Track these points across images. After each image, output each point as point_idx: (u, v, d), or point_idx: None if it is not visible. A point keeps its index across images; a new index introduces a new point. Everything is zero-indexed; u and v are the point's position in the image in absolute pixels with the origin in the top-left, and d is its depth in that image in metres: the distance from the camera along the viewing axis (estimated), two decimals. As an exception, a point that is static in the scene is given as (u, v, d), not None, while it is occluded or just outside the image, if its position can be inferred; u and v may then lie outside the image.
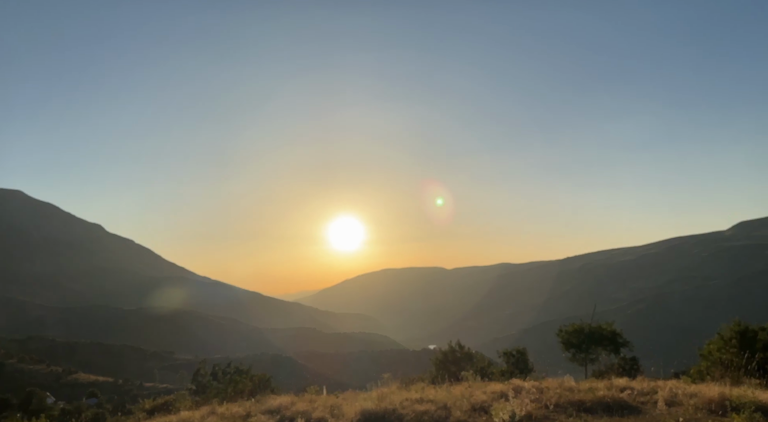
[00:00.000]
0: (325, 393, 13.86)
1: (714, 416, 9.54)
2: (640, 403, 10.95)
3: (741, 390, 11.97)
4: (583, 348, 34.38)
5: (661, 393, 11.66)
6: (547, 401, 10.75)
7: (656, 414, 9.78)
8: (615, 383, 13.83)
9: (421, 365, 38.44)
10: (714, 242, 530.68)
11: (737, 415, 9.18)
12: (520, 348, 33.14)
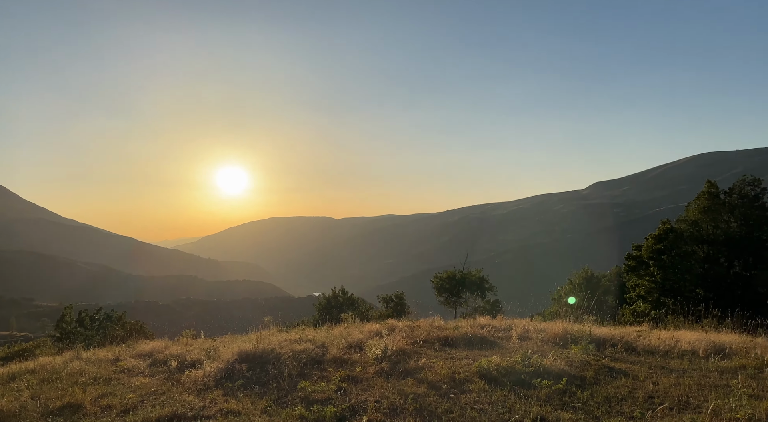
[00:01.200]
0: (202, 337, 13.65)
1: (557, 347, 10.95)
2: (498, 338, 12.22)
3: (580, 326, 13.83)
4: (454, 293, 37.18)
5: (515, 329, 13.10)
6: (417, 337, 11.60)
7: (510, 346, 11.01)
8: (477, 321, 15.24)
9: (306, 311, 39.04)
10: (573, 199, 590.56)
11: (575, 346, 10.63)
12: (399, 293, 34.98)
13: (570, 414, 6.38)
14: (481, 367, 8.45)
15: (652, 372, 8.62)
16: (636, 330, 14.97)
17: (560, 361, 9.19)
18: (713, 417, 6.12)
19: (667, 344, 11.50)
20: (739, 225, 34.77)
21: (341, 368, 8.81)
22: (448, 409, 6.68)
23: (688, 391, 7.36)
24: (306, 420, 6.29)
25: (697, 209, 34.41)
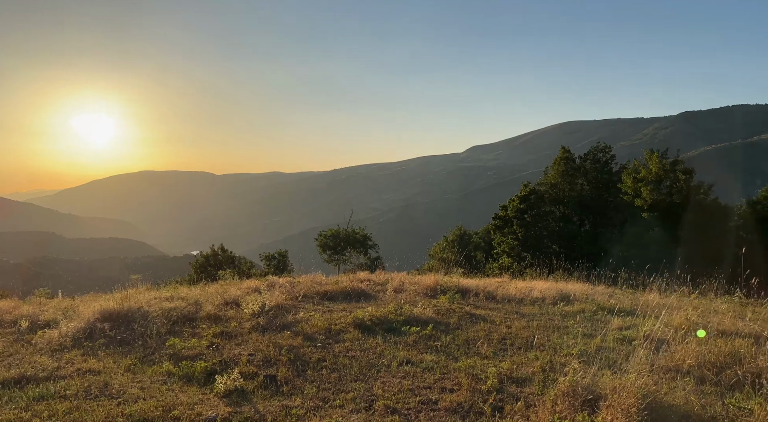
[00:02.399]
0: (60, 297, 12.54)
1: (428, 298, 11.68)
2: (375, 291, 12.72)
3: (450, 278, 14.85)
4: (338, 250, 37.80)
5: (392, 283, 13.71)
6: (297, 293, 11.69)
7: (385, 298, 11.53)
8: (357, 276, 15.71)
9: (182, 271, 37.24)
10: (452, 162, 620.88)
11: (443, 296, 11.44)
12: (282, 251, 34.74)
13: (432, 356, 6.92)
14: (357, 318, 8.79)
15: (507, 317, 9.58)
16: (498, 281, 16.44)
17: (429, 310, 9.85)
18: (552, 354, 7.00)
19: (522, 293, 12.79)
20: (591, 188, 39.11)
21: (215, 324, 8.64)
22: (321, 358, 6.90)
23: (535, 332, 8.31)
24: (173, 376, 6.13)
25: (556, 173, 38.03)
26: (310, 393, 5.63)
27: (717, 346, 6.56)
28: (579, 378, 5.12)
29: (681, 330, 8.22)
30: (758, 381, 5.44)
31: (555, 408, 4.67)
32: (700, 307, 10.83)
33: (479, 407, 5.15)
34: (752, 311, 10.61)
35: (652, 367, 6.20)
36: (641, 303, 11.53)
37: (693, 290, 13.59)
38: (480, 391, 5.55)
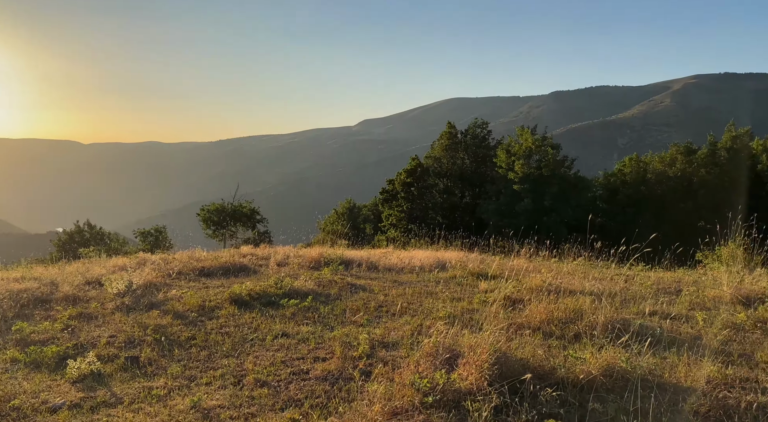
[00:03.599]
0: None
1: (311, 270, 11.70)
2: (258, 265, 12.47)
3: (335, 250, 14.97)
4: (223, 225, 36.36)
5: (275, 257, 13.51)
6: (171, 270, 11.10)
7: (267, 272, 11.35)
8: (240, 251, 15.28)
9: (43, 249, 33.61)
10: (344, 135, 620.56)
11: (327, 268, 11.52)
12: (158, 227, 32.67)
13: (309, 327, 6.96)
14: (233, 293, 8.56)
15: (386, 286, 9.90)
16: (382, 252, 16.90)
17: (310, 282, 9.88)
18: (423, 318, 7.37)
19: (403, 262, 13.27)
20: (471, 161, 41.30)
21: (73, 306, 7.94)
22: (191, 336, 6.65)
23: (410, 299, 8.69)
24: (19, 363, 5.57)
25: (440, 147, 39.63)
26: (175, 372, 5.42)
27: (564, 304, 7.31)
28: (442, 339, 5.44)
29: (537, 290, 9.07)
30: (593, 333, 6.17)
31: (417, 368, 4.94)
32: (557, 269, 11.98)
33: (349, 373, 5.30)
34: (599, 272, 11.94)
35: (508, 325, 6.78)
36: (508, 268, 12.52)
37: (554, 255, 15.00)
38: (351, 358, 5.71)
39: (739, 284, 9.40)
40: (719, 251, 13.03)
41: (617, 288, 9.30)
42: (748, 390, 4.49)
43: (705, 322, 6.73)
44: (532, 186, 34.44)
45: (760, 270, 11.03)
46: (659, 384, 4.70)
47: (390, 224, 38.66)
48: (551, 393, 4.34)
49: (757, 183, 36.71)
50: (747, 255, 12.29)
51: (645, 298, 8.43)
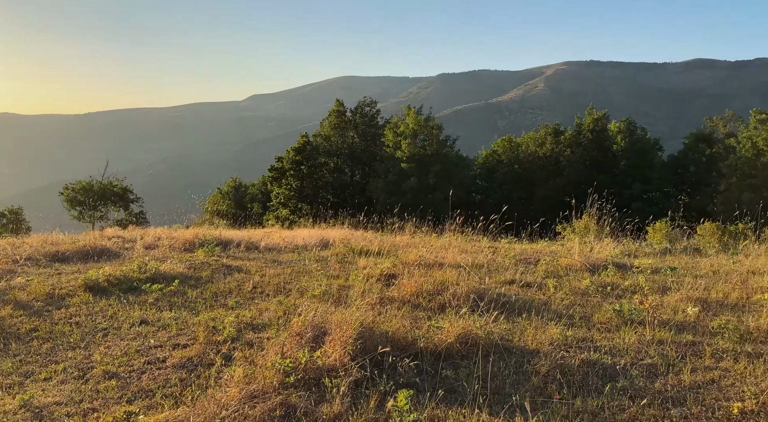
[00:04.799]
0: None
1: (184, 252, 11.05)
2: (123, 249, 11.52)
3: (212, 231, 14.32)
4: (91, 206, 33.23)
5: (145, 238, 12.61)
6: (18, 255, 9.90)
7: (133, 256, 10.54)
8: (105, 233, 14.05)
9: None
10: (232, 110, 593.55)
11: (201, 249, 10.96)
12: (14, 208, 29.11)
13: (172, 313, 6.56)
14: (89, 279, 7.82)
15: (264, 266, 9.65)
16: (265, 231, 16.47)
17: (180, 265, 9.32)
18: (298, 297, 7.27)
19: (286, 241, 13.02)
20: (361, 140, 41.54)
21: None
22: (33, 328, 5.97)
23: (287, 278, 8.54)
24: None
25: (329, 126, 39.35)
26: (6, 369, 4.82)
27: (433, 277, 7.60)
28: (311, 318, 5.39)
29: (412, 265, 9.36)
30: (457, 303, 6.49)
31: (283, 349, 4.85)
32: (434, 244, 12.47)
33: (211, 358, 5.08)
34: (471, 245, 12.61)
35: (380, 299, 6.92)
36: (390, 244, 12.79)
37: (435, 231, 15.61)
38: (215, 342, 5.47)
39: (589, 252, 10.43)
40: (575, 224, 14.36)
41: (485, 260, 9.87)
42: (584, 349, 4.97)
43: (555, 289, 7.37)
44: (418, 165, 35.52)
45: (608, 240, 12.34)
46: (509, 348, 5.06)
47: (279, 203, 37.87)
48: (409, 363, 4.48)
49: (613, 161, 41.08)
50: (598, 227, 13.69)
51: (507, 268, 9.05)
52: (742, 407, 3.65)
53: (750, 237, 12.98)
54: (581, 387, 4.17)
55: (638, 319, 5.65)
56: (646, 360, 4.62)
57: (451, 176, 35.83)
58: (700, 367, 4.42)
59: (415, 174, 35.08)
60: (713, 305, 6.29)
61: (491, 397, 4.06)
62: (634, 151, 39.82)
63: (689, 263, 9.26)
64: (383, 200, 35.59)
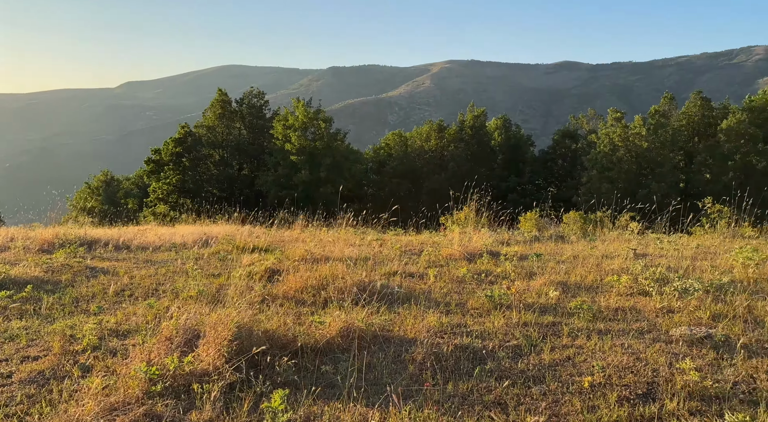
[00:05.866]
0: None
1: (42, 254, 9.91)
2: (-36, 252, 10.09)
3: (76, 229, 13.00)
4: (-74, 204, 28.71)
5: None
6: None
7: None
8: (-60, 236, 12.18)
9: None
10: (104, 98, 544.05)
11: (62, 250, 9.91)
12: None
13: (23, 323, 5.84)
14: None
15: (135, 267, 8.94)
16: (139, 229, 15.32)
17: (36, 268, 8.35)
18: (172, 299, 6.82)
19: (163, 239, 12.19)
20: (248, 132, 40.15)
21: None
22: None
23: (160, 280, 7.98)
24: None
25: (213, 116, 37.54)
26: None
27: (319, 271, 7.53)
28: (184, 320, 5.07)
29: (299, 260, 9.22)
30: (342, 297, 6.48)
31: (150, 355, 4.51)
32: (324, 238, 12.40)
33: (66, 370, 4.58)
34: (360, 238, 12.70)
35: (263, 297, 6.71)
36: (277, 240, 12.50)
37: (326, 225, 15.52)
38: (73, 352, 4.95)
39: (467, 242, 10.96)
40: (457, 215, 15.07)
41: (372, 253, 10.01)
42: (457, 335, 5.21)
43: (435, 278, 7.65)
44: (308, 158, 35.15)
45: (485, 230, 13.09)
46: (389, 338, 5.15)
47: (157, 199, 35.42)
48: (287, 361, 4.39)
49: (492, 156, 43.77)
50: (477, 218, 14.48)
51: (392, 260, 9.24)
52: (591, 380, 4.02)
53: (607, 224, 14.45)
54: (453, 371, 4.35)
55: (507, 303, 6.04)
56: (512, 342, 4.94)
57: (342, 170, 35.94)
58: (558, 346, 4.82)
59: (305, 167, 34.68)
60: (572, 287, 6.90)
61: (369, 389, 4.10)
62: (509, 146, 42.75)
63: (554, 250, 10.09)
64: (273, 193, 34.78)
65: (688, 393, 3.73)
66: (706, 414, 3.49)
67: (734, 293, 5.93)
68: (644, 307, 5.74)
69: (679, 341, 4.70)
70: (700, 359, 4.30)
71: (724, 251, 8.88)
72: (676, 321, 5.26)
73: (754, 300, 5.75)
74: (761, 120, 35.53)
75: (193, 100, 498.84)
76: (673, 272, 6.92)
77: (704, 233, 11.83)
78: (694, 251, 9.07)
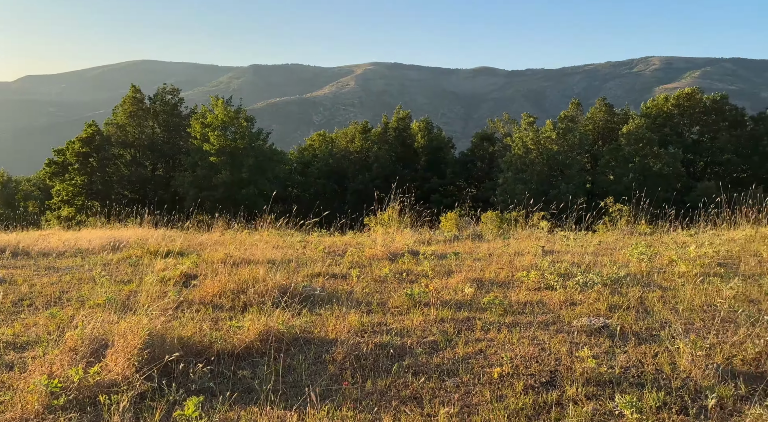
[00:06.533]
0: None
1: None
2: None
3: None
4: None
5: None
6: None
7: None
8: None
9: None
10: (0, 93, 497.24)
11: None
12: None
13: None
14: None
15: (36, 274, 8.32)
16: (41, 234, 14.22)
17: None
18: (78, 307, 6.41)
19: (67, 245, 11.41)
20: (162, 131, 38.27)
21: None
22: None
23: (64, 287, 7.48)
24: None
25: (124, 114, 35.46)
26: None
27: (239, 275, 7.37)
28: (90, 330, 4.79)
29: (218, 263, 8.96)
30: (262, 300, 6.38)
31: (51, 367, 4.22)
32: (246, 241, 12.12)
33: (-49, 391, 4.18)
34: (284, 240, 12.53)
35: (178, 303, 6.47)
36: (195, 243, 12.05)
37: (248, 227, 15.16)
38: (-40, 370, 4.53)
39: (390, 242, 11.15)
40: (381, 216, 15.27)
41: (295, 255, 9.93)
42: (378, 333, 5.30)
43: (358, 278, 7.73)
44: (229, 158, 34.09)
45: (407, 230, 13.36)
46: (309, 340, 5.15)
47: (62, 201, 32.90)
48: (202, 368, 4.28)
49: (415, 157, 44.66)
50: (400, 218, 14.75)
51: (316, 261, 9.22)
52: (501, 371, 4.26)
53: (521, 223, 15.21)
54: (372, 369, 4.43)
55: (425, 301, 6.23)
56: (429, 338, 5.11)
57: (265, 170, 35.20)
58: (472, 339, 5.05)
59: (226, 168, 33.60)
60: (486, 284, 7.24)
61: (287, 391, 4.09)
62: (431, 148, 43.83)
63: (471, 248, 10.50)
64: (192, 195, 33.41)
65: (586, 379, 4.04)
66: (600, 397, 3.81)
67: (629, 286, 6.49)
68: (550, 300, 6.14)
69: (580, 331, 5.08)
70: (597, 347, 4.68)
71: (622, 246, 9.66)
72: (578, 312, 5.67)
73: (645, 292, 6.32)
74: (656, 125, 38.90)
75: (104, 96, 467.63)
76: (576, 267, 7.44)
77: (606, 231, 12.78)
78: (596, 248, 9.79)
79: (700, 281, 6.49)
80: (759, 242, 9.34)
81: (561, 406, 3.71)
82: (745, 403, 3.65)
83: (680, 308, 5.63)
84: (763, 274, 6.97)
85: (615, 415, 3.56)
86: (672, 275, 7.07)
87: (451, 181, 43.22)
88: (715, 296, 5.91)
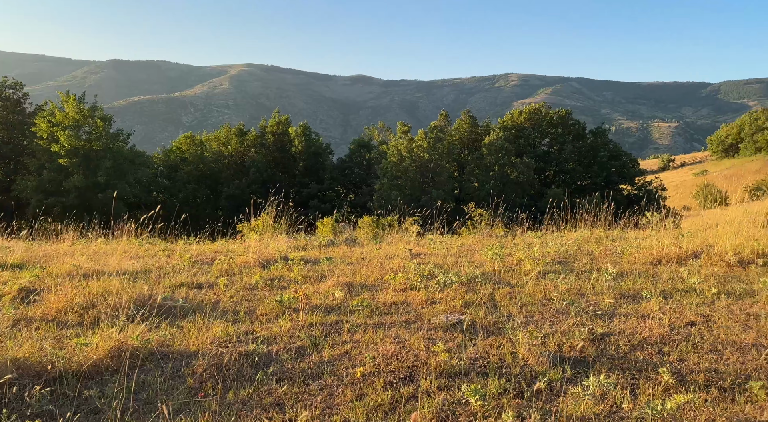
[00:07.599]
0: None
1: None
2: None
3: None
4: None
5: None
6: None
7: None
8: None
9: None
10: None
11: None
12: None
13: None
14: None
15: None
16: None
17: None
18: None
19: None
20: (1, 129, 33.67)
21: None
22: None
23: None
24: None
25: (-50, 107, 30.65)
26: None
27: (89, 288, 6.78)
28: None
29: (65, 276, 8.14)
30: (116, 314, 5.93)
31: None
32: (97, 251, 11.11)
33: None
34: (145, 249, 11.70)
35: (15, 321, 5.79)
36: (40, 254, 10.81)
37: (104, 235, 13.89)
38: None
39: (264, 249, 10.95)
40: (255, 222, 14.92)
41: (157, 265, 9.34)
42: (243, 342, 5.21)
43: (226, 287, 7.50)
44: (83, 161, 30.96)
45: (283, 236, 13.21)
46: (168, 354, 4.91)
47: None
48: (40, 390, 3.89)
49: (293, 163, 44.22)
50: (276, 223, 14.53)
51: (181, 271, 8.76)
52: (363, 371, 4.43)
53: (395, 228, 15.78)
54: (235, 379, 4.36)
55: (295, 306, 6.24)
56: (297, 343, 5.14)
57: (126, 174, 32.48)
58: (339, 342, 5.17)
59: (78, 171, 30.44)
60: (357, 287, 7.43)
61: (140, 408, 3.87)
62: (309, 153, 43.73)
63: (346, 253, 10.69)
64: (37, 201, 29.77)
65: (440, 372, 4.36)
66: (451, 388, 4.13)
67: (482, 284, 7.08)
68: (413, 300, 6.49)
69: (437, 327, 5.45)
70: (451, 341, 5.06)
71: (480, 248, 10.48)
72: (437, 310, 6.07)
73: (495, 289, 6.94)
74: (513, 137, 42.67)
75: None
76: (439, 269, 7.93)
77: (468, 234, 13.77)
78: (458, 249, 10.51)
79: (541, 278, 7.29)
80: (593, 242, 10.70)
81: (415, 399, 3.96)
82: (570, 384, 4.19)
83: (523, 302, 6.28)
84: (593, 270, 8.01)
85: (462, 403, 3.89)
86: (519, 273, 7.85)
87: (329, 186, 43.44)
88: (552, 291, 6.68)
